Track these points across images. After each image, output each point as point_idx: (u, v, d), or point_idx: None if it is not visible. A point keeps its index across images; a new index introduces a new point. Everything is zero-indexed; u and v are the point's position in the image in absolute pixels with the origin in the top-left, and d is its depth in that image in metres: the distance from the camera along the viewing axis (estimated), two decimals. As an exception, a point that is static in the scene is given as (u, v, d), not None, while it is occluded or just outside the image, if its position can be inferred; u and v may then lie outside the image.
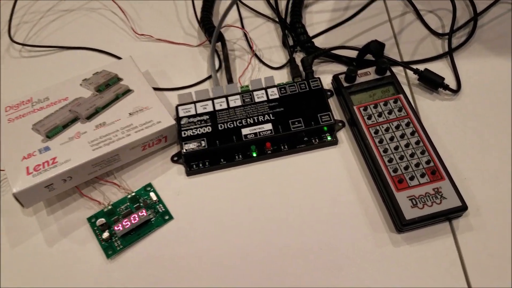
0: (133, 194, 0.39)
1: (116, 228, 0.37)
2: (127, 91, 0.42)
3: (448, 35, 0.47)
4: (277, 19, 0.51)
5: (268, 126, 0.41)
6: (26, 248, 0.38)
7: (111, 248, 0.37)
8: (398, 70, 0.46)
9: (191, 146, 0.40)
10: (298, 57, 0.48)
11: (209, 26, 0.49)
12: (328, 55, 0.47)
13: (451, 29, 0.47)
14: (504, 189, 0.37)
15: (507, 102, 0.42)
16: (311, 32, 0.49)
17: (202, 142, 0.40)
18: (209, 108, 0.43)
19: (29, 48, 0.52)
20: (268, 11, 0.53)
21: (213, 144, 0.40)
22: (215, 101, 0.43)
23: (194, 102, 0.43)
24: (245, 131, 0.41)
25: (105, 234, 0.37)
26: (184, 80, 0.48)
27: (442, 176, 0.36)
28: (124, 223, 0.37)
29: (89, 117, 0.40)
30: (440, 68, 0.45)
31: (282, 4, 0.52)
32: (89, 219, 0.39)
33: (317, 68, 0.47)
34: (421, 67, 0.44)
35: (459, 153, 0.40)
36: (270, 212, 0.38)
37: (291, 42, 0.49)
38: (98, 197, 0.40)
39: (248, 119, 0.41)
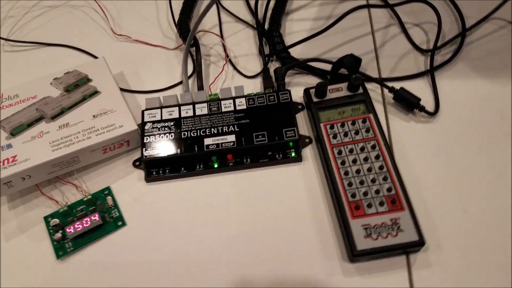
0: (89, 197, 0.39)
1: (68, 230, 0.37)
2: (95, 93, 0.42)
3: (431, 51, 0.44)
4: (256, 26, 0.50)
5: (231, 137, 0.40)
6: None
7: (62, 249, 0.37)
8: (374, 87, 0.44)
9: (151, 152, 0.40)
10: (274, 66, 0.47)
11: (185, 30, 0.48)
12: (303, 67, 0.45)
13: (434, 45, 0.45)
14: (471, 225, 0.35)
15: (486, 129, 0.40)
16: (289, 41, 0.48)
17: (163, 149, 0.40)
18: (175, 115, 0.42)
19: (11, 43, 0.53)
20: (249, 17, 0.52)
21: (174, 152, 0.40)
22: (182, 108, 0.42)
23: (161, 108, 0.43)
24: (207, 141, 0.40)
25: (58, 235, 0.37)
26: (157, 83, 0.47)
27: (402, 206, 0.34)
28: (76, 226, 0.37)
29: (54, 117, 0.40)
30: (420, 87, 0.43)
31: (263, 11, 0.51)
32: (45, 218, 0.39)
33: (291, 79, 0.46)
34: (399, 84, 0.43)
35: (428, 181, 0.38)
36: (223, 226, 0.37)
37: (267, 51, 0.48)
38: (58, 196, 0.40)
39: (212, 129, 0.41)
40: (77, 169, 0.41)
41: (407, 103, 0.41)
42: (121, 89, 0.46)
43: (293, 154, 0.40)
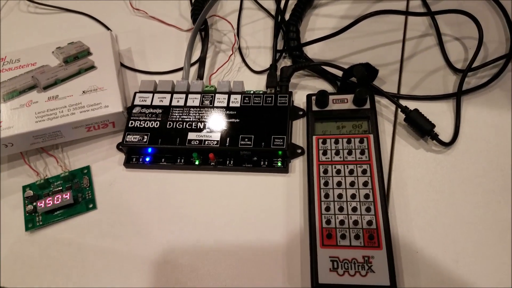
0: (67, 173, 0.39)
1: (39, 204, 0.37)
2: (91, 68, 0.41)
3: (463, 72, 0.38)
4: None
5: (216, 136, 0.37)
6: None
7: (31, 222, 0.37)
8: (389, 103, 0.39)
9: (132, 138, 0.38)
10: (285, 64, 0.43)
11: (197, 12, 0.45)
12: (314, 69, 0.41)
13: (469, 65, 0.38)
14: (459, 279, 0.30)
15: (504, 177, 0.34)
16: (309, 38, 0.43)
17: (145, 137, 0.38)
18: (166, 102, 0.40)
19: (35, 5, 0.53)
20: (273, 6, 0.48)
21: (155, 142, 0.38)
22: (175, 95, 0.40)
23: (154, 92, 0.41)
24: (191, 135, 0.37)
25: (30, 207, 0.37)
26: (162, 64, 0.45)
27: (379, 244, 0.30)
28: (47, 201, 0.37)
29: (46, 87, 0.40)
30: (442, 111, 0.38)
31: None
32: (24, 188, 0.39)
33: (300, 81, 0.42)
34: (418, 105, 0.37)
35: (421, 220, 0.33)
36: (190, 227, 0.35)
37: (281, 46, 0.44)
38: (42, 167, 0.40)
39: (199, 123, 0.38)
40: (63, 143, 0.40)
41: (419, 128, 0.35)
42: (123, 66, 0.45)
43: (279, 164, 0.36)
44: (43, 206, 0.37)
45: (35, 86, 0.40)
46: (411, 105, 0.37)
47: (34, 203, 0.37)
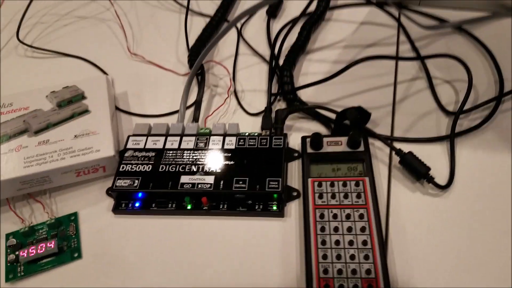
0: (53, 221, 0.37)
1: (21, 253, 0.35)
2: (85, 111, 0.41)
3: (455, 114, 0.38)
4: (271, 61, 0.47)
5: (210, 179, 0.36)
6: None
7: (12, 272, 0.35)
8: (383, 145, 0.38)
9: (123, 183, 0.37)
10: (280, 107, 0.43)
11: (194, 58, 0.46)
12: (309, 112, 0.41)
13: (460, 107, 0.38)
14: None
15: (505, 218, 0.33)
16: (302, 82, 0.44)
17: (136, 181, 0.37)
18: (159, 145, 0.39)
19: (33, 49, 0.54)
20: (268, 52, 0.49)
21: (146, 187, 0.37)
22: (169, 138, 0.40)
23: (147, 135, 0.40)
24: (184, 179, 0.37)
25: (11, 256, 0.35)
26: (158, 108, 0.45)
27: (379, 294, 0.28)
28: (30, 250, 0.35)
29: (38, 132, 0.39)
30: (436, 153, 0.37)
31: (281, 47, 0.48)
32: (7, 236, 0.37)
33: (295, 122, 0.42)
34: (412, 147, 0.37)
35: (422, 268, 0.31)
36: (186, 273, 0.33)
37: (275, 90, 0.44)
38: (27, 213, 0.39)
39: (193, 166, 0.37)
40: (51, 188, 0.39)
41: (414, 171, 0.35)
42: (118, 109, 0.45)
43: (274, 208, 0.35)
44: (25, 255, 0.35)
45: (26, 131, 0.40)
46: (405, 147, 0.37)
47: (17, 252, 0.36)
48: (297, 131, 0.41)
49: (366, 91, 0.43)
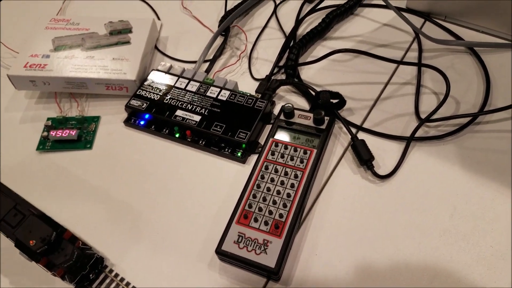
0: (81, 117, 0.48)
1: (52, 133, 0.47)
2: (127, 42, 0.51)
3: (421, 121, 0.42)
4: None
5: (197, 117, 0.45)
6: (4, 118, 0.51)
7: (42, 144, 0.47)
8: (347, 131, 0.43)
9: (135, 103, 0.47)
10: (280, 78, 0.50)
11: (224, 20, 0.54)
12: (299, 88, 0.47)
13: (429, 115, 0.42)
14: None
15: (425, 220, 0.37)
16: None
17: (145, 104, 0.47)
18: (171, 82, 0.48)
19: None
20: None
21: (150, 110, 0.46)
22: (180, 79, 0.48)
23: (166, 72, 0.49)
24: (178, 112, 0.45)
25: (45, 133, 0.47)
26: (187, 55, 0.54)
27: (280, 234, 0.35)
28: (58, 132, 0.47)
29: (89, 49, 0.51)
30: (392, 150, 0.42)
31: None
32: (47, 119, 0.50)
33: (287, 94, 0.48)
34: (373, 139, 0.42)
35: (330, 231, 0.37)
36: (155, 181, 0.43)
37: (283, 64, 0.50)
38: (67, 107, 0.51)
39: (189, 105, 0.46)
40: (88, 94, 0.51)
41: (358, 156, 0.40)
42: (157, 49, 0.55)
43: (239, 154, 0.43)
44: (53, 135, 0.47)
45: (81, 45, 0.51)
46: (365, 137, 0.41)
47: (49, 132, 0.48)
48: (286, 102, 0.48)
49: (359, 84, 0.48)
